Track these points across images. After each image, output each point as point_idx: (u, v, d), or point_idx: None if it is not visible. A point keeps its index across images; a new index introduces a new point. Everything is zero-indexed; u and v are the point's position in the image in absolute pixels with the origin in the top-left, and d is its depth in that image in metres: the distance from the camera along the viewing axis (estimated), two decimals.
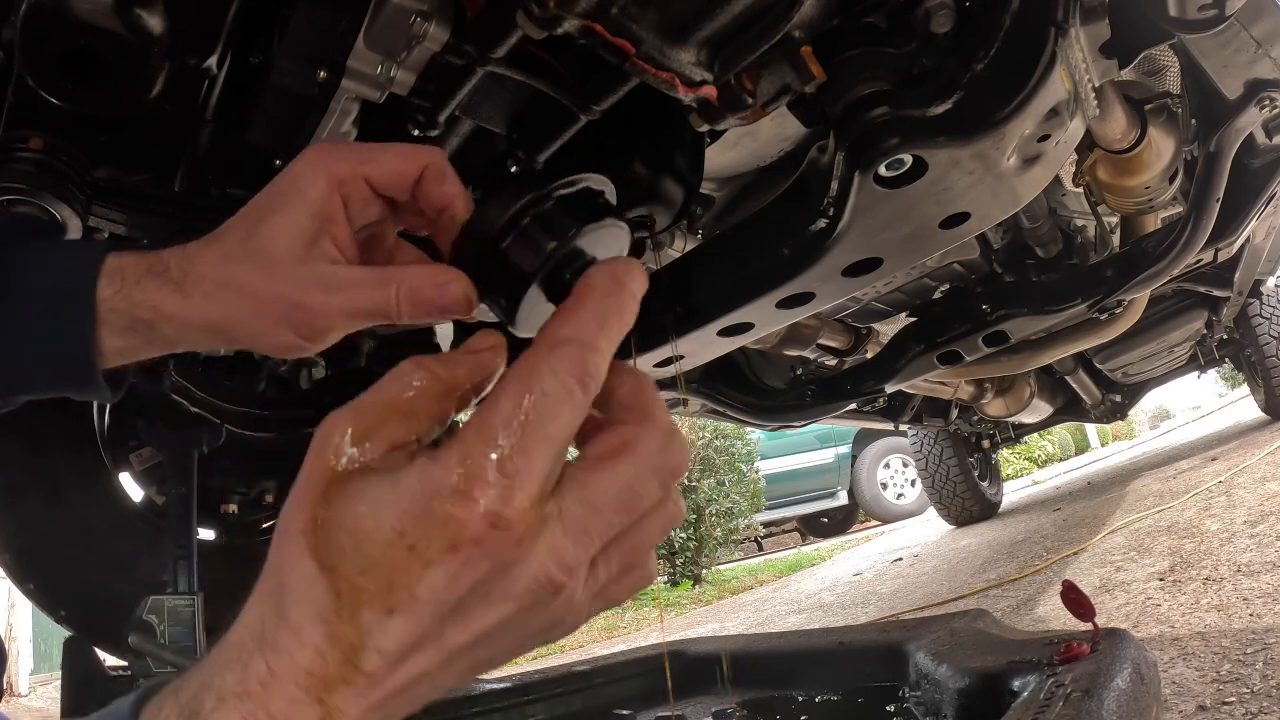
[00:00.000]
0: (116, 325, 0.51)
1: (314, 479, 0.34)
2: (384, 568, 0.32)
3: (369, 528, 0.32)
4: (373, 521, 0.32)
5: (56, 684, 3.62)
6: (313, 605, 0.32)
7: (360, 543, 0.32)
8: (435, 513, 0.32)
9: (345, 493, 0.33)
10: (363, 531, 0.32)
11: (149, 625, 1.31)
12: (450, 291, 0.45)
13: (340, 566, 0.32)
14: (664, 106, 0.85)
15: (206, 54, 0.83)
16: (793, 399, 2.10)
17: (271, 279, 0.48)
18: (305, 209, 0.48)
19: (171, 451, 1.46)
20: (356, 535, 0.32)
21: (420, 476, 0.32)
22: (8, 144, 0.84)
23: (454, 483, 0.32)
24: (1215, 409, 11.85)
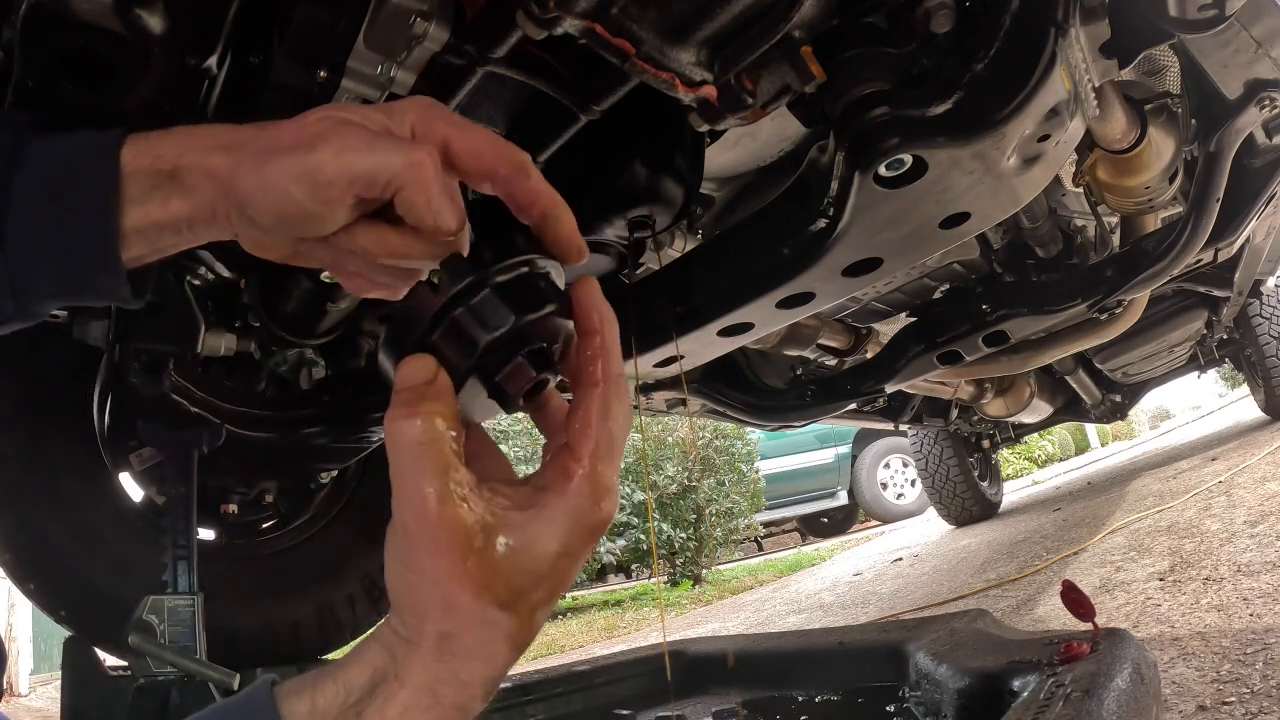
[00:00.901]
0: (137, 189, 0.48)
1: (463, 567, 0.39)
2: (552, 577, 0.42)
3: (540, 556, 0.41)
4: (541, 553, 0.41)
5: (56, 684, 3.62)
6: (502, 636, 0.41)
7: (531, 571, 0.41)
8: (585, 525, 0.42)
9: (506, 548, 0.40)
10: (535, 567, 0.41)
11: (149, 625, 1.31)
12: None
13: (518, 601, 0.41)
14: (664, 106, 0.85)
15: (206, 54, 0.83)
16: (793, 399, 2.10)
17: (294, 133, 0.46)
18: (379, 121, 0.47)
19: (171, 451, 1.46)
20: (528, 570, 0.41)
21: (565, 505, 0.42)
22: None
23: (589, 504, 0.42)
24: (1215, 409, 11.85)
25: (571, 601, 6.99)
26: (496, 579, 0.40)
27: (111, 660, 1.48)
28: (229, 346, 1.36)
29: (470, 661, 0.40)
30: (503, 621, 0.40)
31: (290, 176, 0.44)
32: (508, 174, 0.47)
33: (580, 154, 0.99)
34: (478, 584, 0.39)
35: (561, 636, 5.22)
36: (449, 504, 0.39)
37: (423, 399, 0.40)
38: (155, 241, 0.50)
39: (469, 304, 0.41)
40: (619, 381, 0.45)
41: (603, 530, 0.43)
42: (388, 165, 0.44)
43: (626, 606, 6.47)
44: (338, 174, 0.44)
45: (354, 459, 1.81)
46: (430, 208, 0.44)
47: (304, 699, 0.40)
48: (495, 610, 0.40)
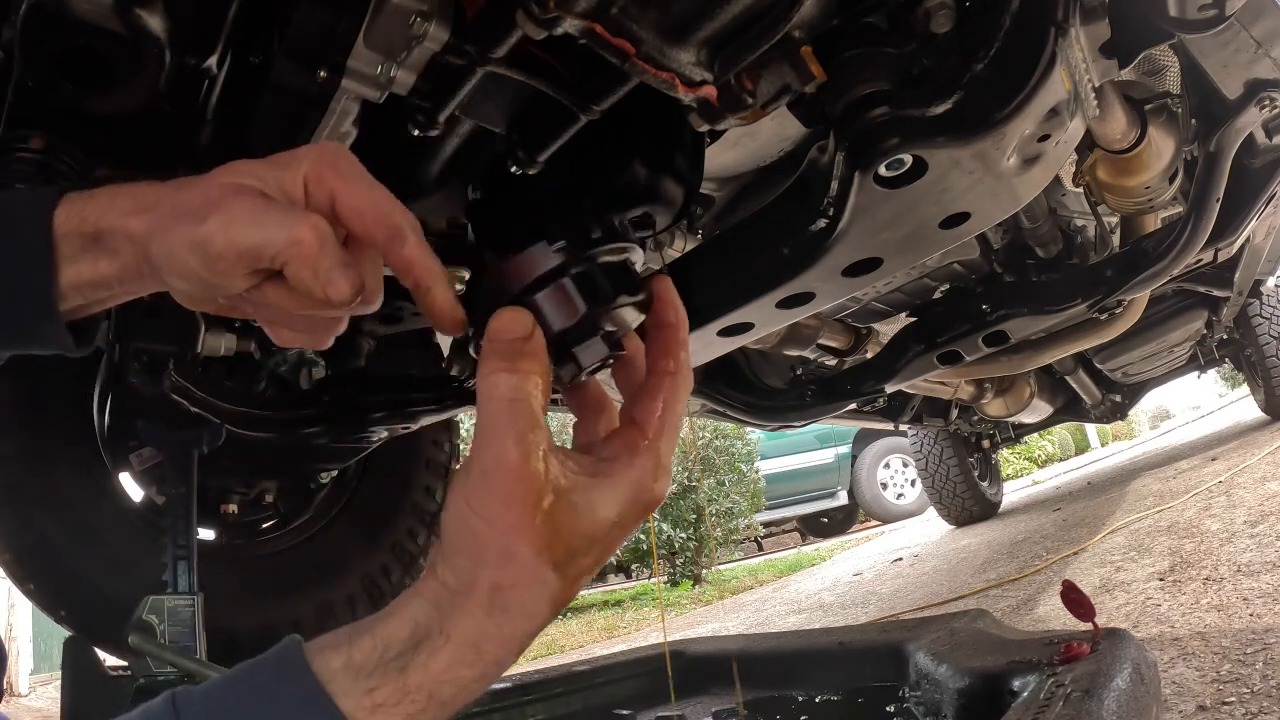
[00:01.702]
0: (70, 249, 0.49)
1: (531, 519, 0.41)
2: (602, 543, 0.44)
3: (598, 522, 0.43)
4: (604, 519, 0.44)
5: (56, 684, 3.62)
6: (548, 594, 0.42)
7: (588, 535, 0.43)
8: (644, 498, 0.45)
9: (573, 509, 0.42)
10: (592, 531, 0.43)
11: (149, 625, 1.31)
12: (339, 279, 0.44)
13: (570, 562, 0.42)
14: (664, 106, 0.85)
15: (206, 54, 0.83)
16: (793, 399, 2.10)
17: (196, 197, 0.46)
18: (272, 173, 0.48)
19: (171, 451, 1.46)
20: (586, 534, 0.43)
21: (629, 477, 0.45)
22: (8, 144, 0.84)
23: (650, 478, 0.46)
24: (1215, 409, 11.84)
25: (571, 601, 6.97)
26: (557, 539, 0.41)
27: (111, 660, 1.48)
28: (229, 346, 1.36)
29: (515, 618, 0.41)
30: (552, 581, 0.42)
31: (186, 246, 0.45)
32: (384, 239, 0.46)
33: (580, 154, 0.99)
34: (541, 540, 0.41)
35: (561, 636, 5.22)
36: (531, 459, 0.41)
37: (521, 355, 0.42)
38: (90, 295, 0.51)
39: (576, 273, 0.44)
40: (688, 374, 0.49)
41: (655, 505, 0.46)
42: (271, 240, 0.43)
43: (626, 606, 6.47)
44: (225, 247, 0.44)
45: (354, 459, 1.81)
46: (316, 281, 0.44)
47: (339, 654, 0.41)
48: (549, 569, 0.41)
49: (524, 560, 0.41)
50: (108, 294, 0.52)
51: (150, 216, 0.47)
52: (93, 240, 0.49)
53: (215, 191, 0.46)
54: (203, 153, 0.97)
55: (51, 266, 0.49)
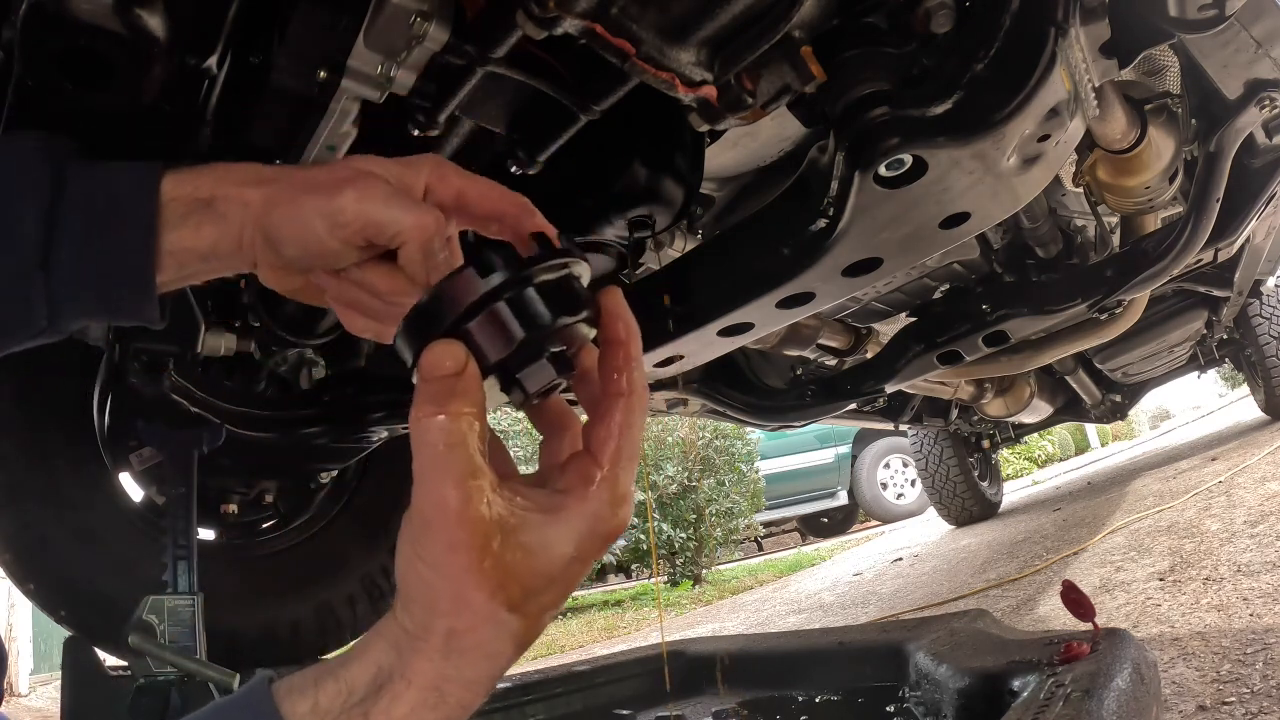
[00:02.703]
0: (174, 214, 0.51)
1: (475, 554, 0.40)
2: (562, 579, 0.42)
3: (554, 559, 0.42)
4: (556, 556, 0.42)
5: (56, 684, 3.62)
6: (509, 636, 0.41)
7: (544, 574, 0.41)
8: (600, 531, 0.43)
9: (523, 549, 0.41)
10: (548, 569, 0.41)
11: (149, 625, 1.31)
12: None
13: (527, 602, 0.41)
14: (664, 106, 0.85)
15: (206, 54, 0.83)
16: (793, 399, 2.10)
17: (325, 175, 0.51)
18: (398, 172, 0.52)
19: (171, 451, 1.46)
20: (541, 573, 0.41)
21: (584, 510, 0.43)
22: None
23: (606, 510, 0.43)
24: (1215, 409, 11.84)
25: (571, 601, 6.98)
26: (511, 580, 0.40)
27: (111, 660, 1.48)
28: (229, 346, 1.36)
29: (476, 661, 0.40)
30: (511, 622, 0.40)
31: (316, 213, 0.49)
32: (517, 212, 0.52)
33: (580, 154, 0.99)
34: (492, 584, 0.39)
35: (561, 636, 5.22)
36: (473, 504, 0.39)
37: (452, 395, 0.40)
38: (183, 267, 0.53)
39: (511, 297, 0.41)
40: (643, 392, 0.46)
41: (616, 536, 0.44)
42: (398, 220, 0.49)
43: (626, 606, 6.47)
44: (355, 217, 0.48)
45: (354, 459, 1.82)
46: (425, 264, 0.48)
47: (306, 698, 0.40)
48: (504, 611, 0.40)
49: (477, 605, 0.40)
50: (199, 266, 0.53)
51: (271, 188, 0.51)
52: (204, 205, 0.51)
53: (348, 172, 0.50)
54: (203, 153, 0.97)
55: (156, 234, 0.51)
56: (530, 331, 0.41)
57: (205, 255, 0.52)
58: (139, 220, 0.51)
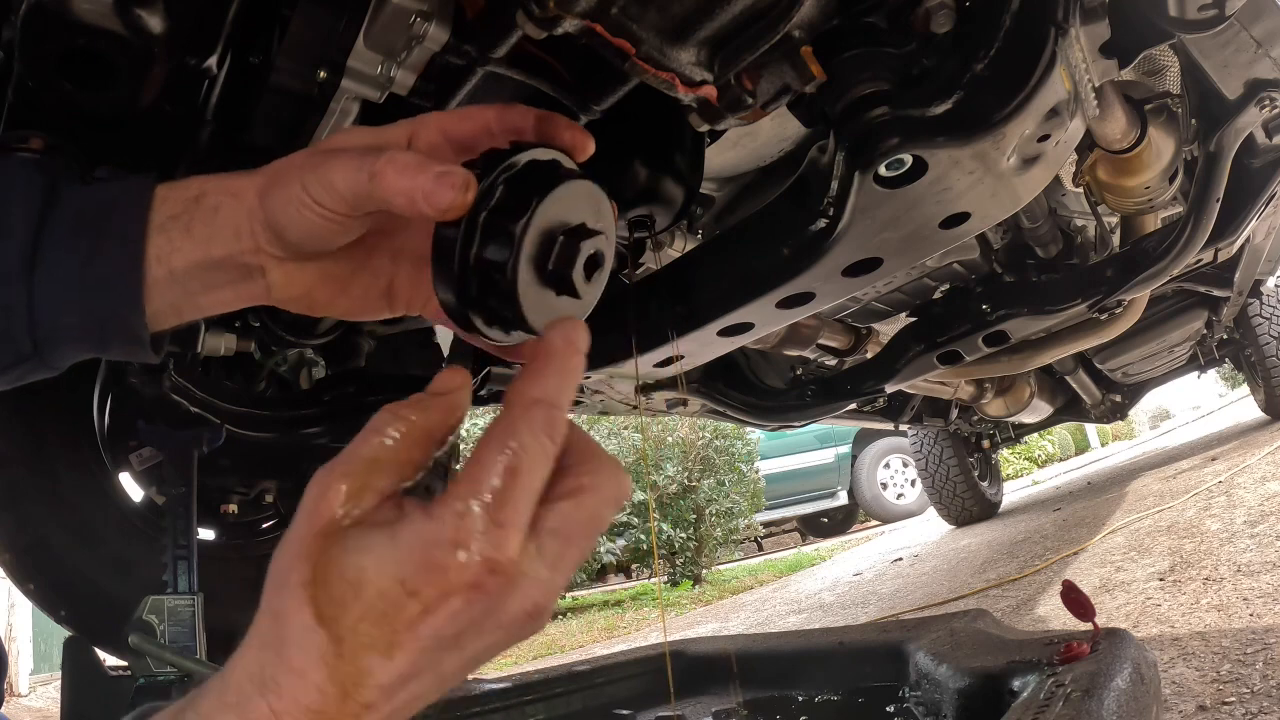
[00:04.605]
0: (164, 215, 0.49)
1: (311, 535, 0.37)
2: (387, 614, 0.35)
3: (372, 579, 0.35)
4: (375, 573, 0.35)
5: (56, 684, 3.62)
6: (315, 651, 0.35)
7: (363, 593, 0.35)
8: (437, 562, 0.35)
9: (344, 548, 0.36)
10: (366, 583, 0.35)
11: (149, 625, 1.31)
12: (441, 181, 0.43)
13: (341, 617, 0.35)
14: (664, 106, 0.85)
15: (206, 54, 0.83)
16: (793, 399, 2.10)
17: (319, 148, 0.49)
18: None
19: (171, 451, 1.46)
20: (358, 587, 0.35)
21: (419, 530, 0.36)
22: (8, 144, 0.84)
23: (451, 535, 0.35)
24: (1215, 409, 11.84)
25: (571, 601, 6.99)
26: (324, 578, 0.36)
27: (112, 660, 1.48)
28: (229, 346, 1.36)
29: (279, 664, 0.35)
30: (317, 637, 0.35)
31: (310, 184, 0.47)
32: (496, 117, 0.49)
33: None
34: (307, 570, 0.36)
35: (561, 636, 5.23)
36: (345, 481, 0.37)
37: (425, 409, 0.40)
38: (180, 283, 0.49)
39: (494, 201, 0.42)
40: (541, 413, 0.38)
41: (460, 584, 0.35)
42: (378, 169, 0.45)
43: (626, 606, 6.47)
44: (341, 177, 0.46)
45: None
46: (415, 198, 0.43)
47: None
48: (310, 612, 0.35)
49: (291, 590, 0.36)
50: (197, 280, 0.50)
51: (260, 178, 0.49)
52: (193, 202, 0.49)
53: (329, 145, 0.49)
54: (203, 153, 0.97)
55: (143, 236, 0.48)
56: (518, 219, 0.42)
57: (201, 262, 0.49)
58: (127, 222, 0.49)
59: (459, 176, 0.43)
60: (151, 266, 0.49)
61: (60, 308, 0.49)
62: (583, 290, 0.45)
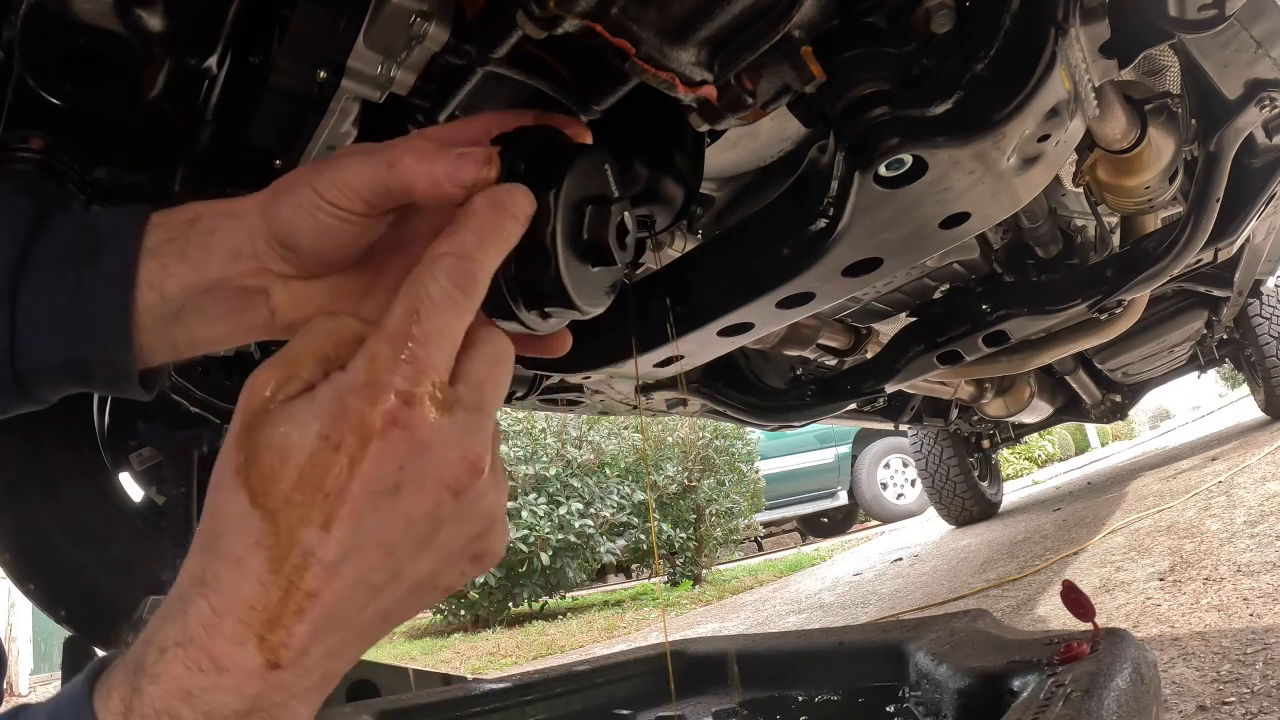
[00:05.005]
0: (157, 240, 0.47)
1: (241, 425, 0.36)
2: (314, 475, 0.34)
3: (295, 441, 0.34)
4: (298, 435, 0.34)
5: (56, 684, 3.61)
6: (250, 535, 0.33)
7: (287, 457, 0.34)
8: (352, 407, 0.34)
9: (270, 420, 0.35)
10: (290, 446, 0.34)
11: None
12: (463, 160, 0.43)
13: (272, 490, 0.34)
14: (664, 106, 0.85)
15: (206, 54, 0.83)
16: (793, 399, 2.10)
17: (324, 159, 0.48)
18: None
19: (171, 451, 1.46)
20: (283, 452, 0.34)
21: (333, 383, 0.35)
22: (8, 144, 0.84)
23: (364, 379, 0.35)
24: (1215, 409, 11.84)
25: (571, 601, 6.99)
26: (255, 454, 0.34)
27: None
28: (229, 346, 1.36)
29: (217, 559, 0.34)
30: (252, 520, 0.34)
31: (323, 185, 0.45)
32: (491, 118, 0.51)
33: None
34: (240, 453, 0.35)
35: (561, 636, 5.22)
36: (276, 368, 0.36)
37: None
38: (177, 310, 0.48)
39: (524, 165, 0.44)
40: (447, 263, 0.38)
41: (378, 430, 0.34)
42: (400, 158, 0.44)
43: (626, 606, 6.46)
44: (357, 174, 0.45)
45: None
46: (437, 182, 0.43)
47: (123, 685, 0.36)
48: (243, 495, 0.34)
49: (224, 480, 0.35)
50: (192, 303, 0.48)
51: (264, 194, 0.47)
52: (188, 225, 0.48)
53: (336, 154, 0.48)
54: (203, 153, 0.97)
55: (134, 266, 0.46)
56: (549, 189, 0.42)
57: (195, 286, 0.47)
58: (117, 253, 0.47)
59: (481, 152, 0.43)
60: (143, 292, 0.47)
61: (42, 340, 0.47)
62: (619, 257, 0.45)
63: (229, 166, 1.00)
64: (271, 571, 0.33)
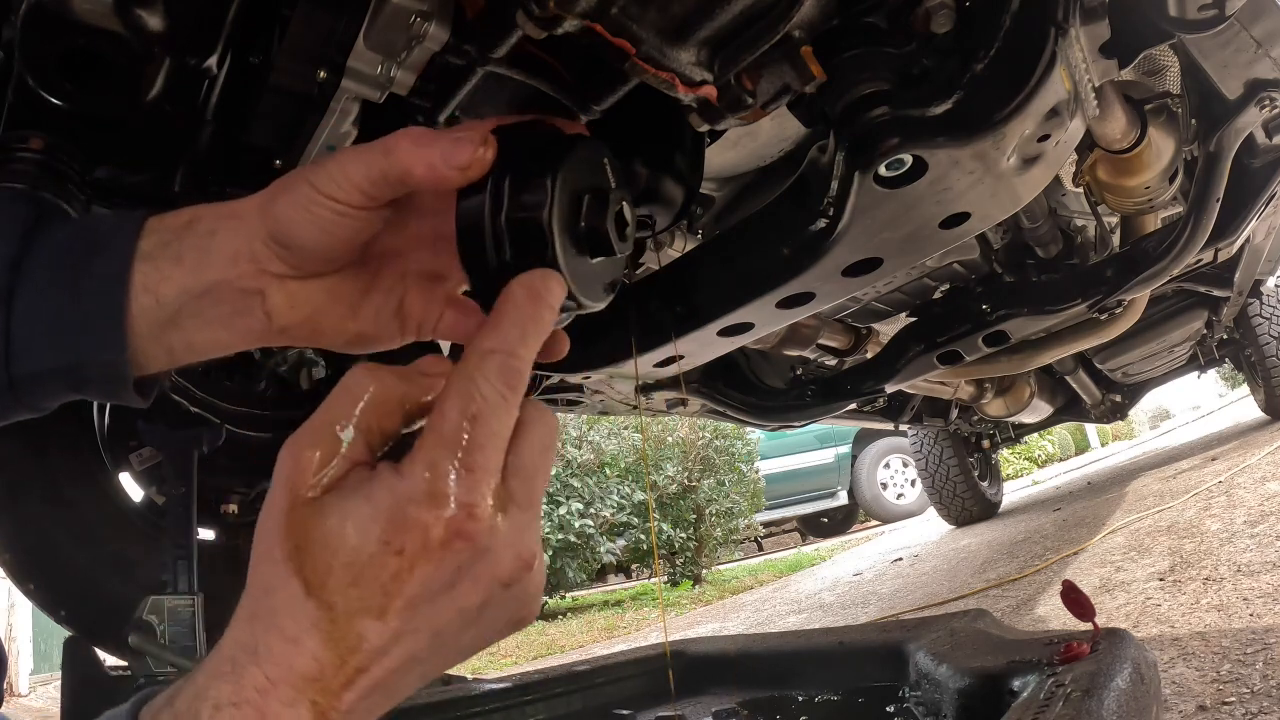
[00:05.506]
0: (152, 245, 0.47)
1: (288, 505, 0.36)
2: (374, 576, 0.35)
3: (355, 543, 0.35)
4: (356, 538, 0.35)
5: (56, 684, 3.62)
6: (305, 619, 0.35)
7: (346, 558, 0.35)
8: (414, 517, 0.35)
9: (322, 516, 0.36)
10: (347, 549, 0.35)
11: (149, 625, 1.31)
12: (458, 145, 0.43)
13: (329, 583, 0.35)
14: (664, 106, 0.85)
15: (206, 54, 0.83)
16: (793, 399, 2.10)
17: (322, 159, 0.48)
18: None
19: (171, 451, 1.46)
20: (342, 552, 0.35)
21: (392, 488, 0.36)
22: (8, 144, 0.84)
23: (425, 487, 0.36)
24: (1215, 409, 11.84)
25: (571, 601, 6.99)
26: (305, 547, 0.35)
27: (111, 660, 1.48)
28: None
29: (270, 633, 0.35)
30: (309, 608, 0.35)
31: (321, 180, 0.45)
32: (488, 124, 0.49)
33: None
34: (289, 542, 0.36)
35: (561, 636, 5.23)
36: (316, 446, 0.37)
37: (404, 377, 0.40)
38: (173, 313, 0.47)
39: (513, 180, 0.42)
40: (496, 361, 0.38)
41: (440, 541, 0.35)
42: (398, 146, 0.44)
43: (626, 606, 6.46)
44: (355, 168, 0.45)
45: None
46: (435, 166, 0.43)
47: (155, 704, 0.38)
48: (297, 581, 0.35)
49: (275, 563, 0.36)
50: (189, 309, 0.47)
51: (265, 192, 0.47)
52: (186, 227, 0.47)
53: (336, 152, 0.48)
54: (203, 153, 0.97)
55: (128, 270, 0.46)
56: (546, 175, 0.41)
57: (192, 289, 0.47)
58: (111, 259, 0.46)
59: (477, 134, 0.43)
60: (138, 296, 0.46)
61: (37, 345, 0.46)
62: (618, 247, 0.44)
63: (229, 166, 1.00)
64: (326, 649, 0.35)
